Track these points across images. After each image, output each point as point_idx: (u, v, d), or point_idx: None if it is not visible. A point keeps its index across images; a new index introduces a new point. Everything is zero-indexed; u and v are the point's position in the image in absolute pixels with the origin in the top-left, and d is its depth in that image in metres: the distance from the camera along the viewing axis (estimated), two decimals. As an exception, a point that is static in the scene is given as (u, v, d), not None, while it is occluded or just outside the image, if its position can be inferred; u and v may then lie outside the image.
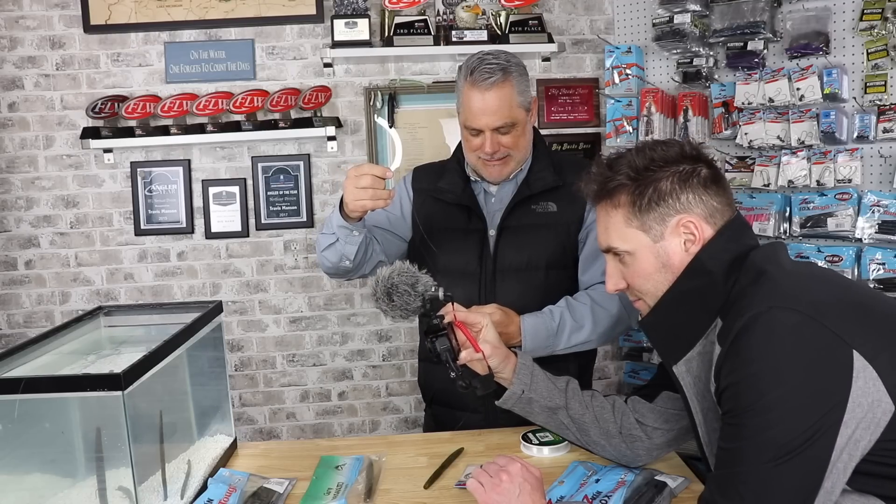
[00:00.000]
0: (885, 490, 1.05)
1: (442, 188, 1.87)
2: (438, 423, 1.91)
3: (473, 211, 1.83)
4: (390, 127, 3.00)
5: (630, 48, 2.82)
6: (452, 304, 1.45)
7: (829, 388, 1.01)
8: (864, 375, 1.01)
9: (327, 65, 2.96)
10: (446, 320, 1.43)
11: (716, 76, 2.65)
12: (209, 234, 3.03)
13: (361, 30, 2.86)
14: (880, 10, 2.18)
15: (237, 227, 3.03)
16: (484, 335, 1.46)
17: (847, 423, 1.00)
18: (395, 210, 1.89)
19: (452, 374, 1.41)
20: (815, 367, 1.02)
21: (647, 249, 1.22)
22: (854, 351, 1.01)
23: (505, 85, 1.71)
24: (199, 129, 2.89)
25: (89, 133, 2.85)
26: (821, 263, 2.27)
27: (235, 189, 3.01)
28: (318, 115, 2.93)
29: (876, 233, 2.23)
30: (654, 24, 2.70)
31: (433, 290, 1.41)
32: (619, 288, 1.28)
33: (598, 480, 1.38)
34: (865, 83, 2.24)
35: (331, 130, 2.92)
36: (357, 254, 1.73)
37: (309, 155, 3.03)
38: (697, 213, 1.19)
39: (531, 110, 1.79)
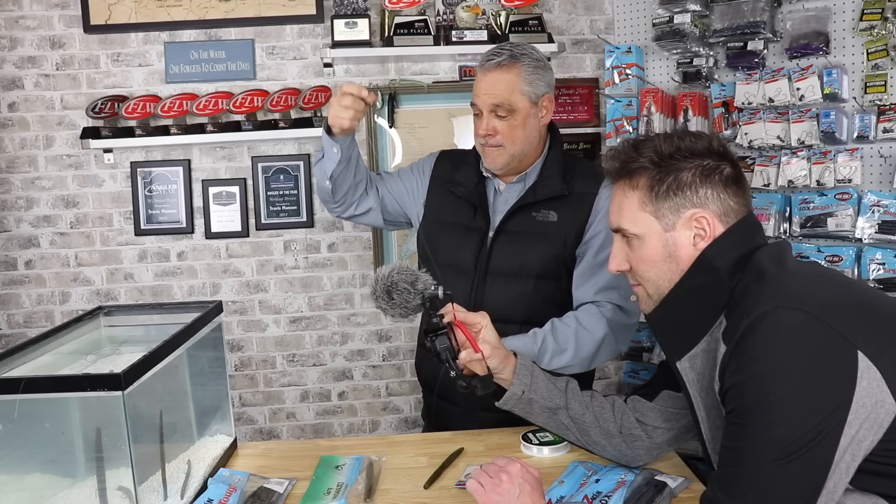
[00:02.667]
0: (887, 489, 1.05)
1: (456, 180, 1.88)
2: (428, 406, 1.94)
3: (479, 209, 1.83)
4: (390, 127, 3.01)
5: (630, 48, 2.82)
6: (452, 304, 1.45)
7: (834, 388, 1.01)
8: (869, 376, 1.01)
9: (327, 65, 2.96)
10: (446, 320, 1.43)
11: (716, 76, 2.65)
12: (209, 234, 3.02)
13: (361, 30, 2.85)
14: (880, 10, 2.17)
15: (237, 227, 3.02)
16: (483, 335, 1.46)
17: (851, 424, 1.00)
18: (413, 176, 1.96)
19: (452, 373, 1.41)
20: (820, 368, 1.02)
21: (656, 236, 1.22)
22: (858, 351, 1.01)
23: (511, 69, 1.72)
24: (199, 129, 2.88)
25: (89, 133, 2.85)
26: (821, 263, 2.27)
27: (235, 189, 3.01)
28: (318, 115, 2.92)
29: (876, 233, 2.23)
30: (654, 24, 2.69)
31: (433, 288, 1.41)
32: (621, 269, 1.29)
33: (598, 480, 1.38)
34: (865, 83, 2.24)
35: (331, 130, 2.92)
36: (336, 174, 1.80)
37: (309, 155, 3.03)
38: (713, 209, 1.19)
39: (540, 106, 1.77)
